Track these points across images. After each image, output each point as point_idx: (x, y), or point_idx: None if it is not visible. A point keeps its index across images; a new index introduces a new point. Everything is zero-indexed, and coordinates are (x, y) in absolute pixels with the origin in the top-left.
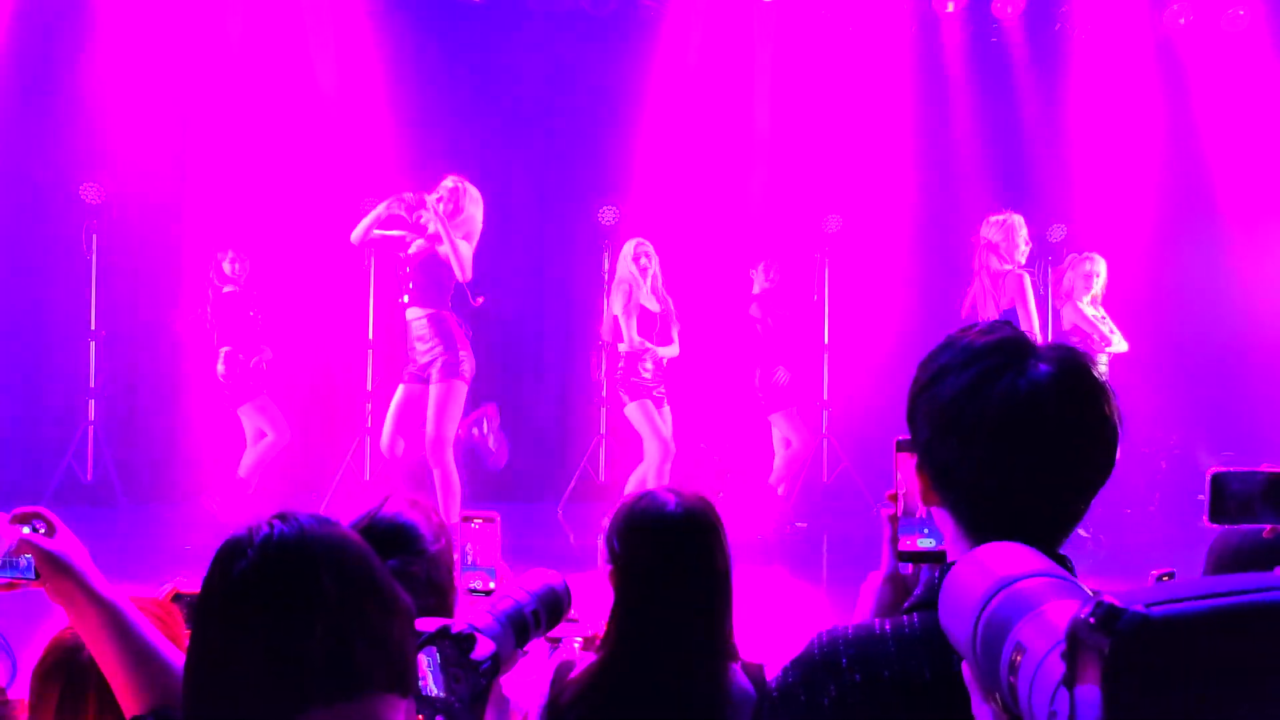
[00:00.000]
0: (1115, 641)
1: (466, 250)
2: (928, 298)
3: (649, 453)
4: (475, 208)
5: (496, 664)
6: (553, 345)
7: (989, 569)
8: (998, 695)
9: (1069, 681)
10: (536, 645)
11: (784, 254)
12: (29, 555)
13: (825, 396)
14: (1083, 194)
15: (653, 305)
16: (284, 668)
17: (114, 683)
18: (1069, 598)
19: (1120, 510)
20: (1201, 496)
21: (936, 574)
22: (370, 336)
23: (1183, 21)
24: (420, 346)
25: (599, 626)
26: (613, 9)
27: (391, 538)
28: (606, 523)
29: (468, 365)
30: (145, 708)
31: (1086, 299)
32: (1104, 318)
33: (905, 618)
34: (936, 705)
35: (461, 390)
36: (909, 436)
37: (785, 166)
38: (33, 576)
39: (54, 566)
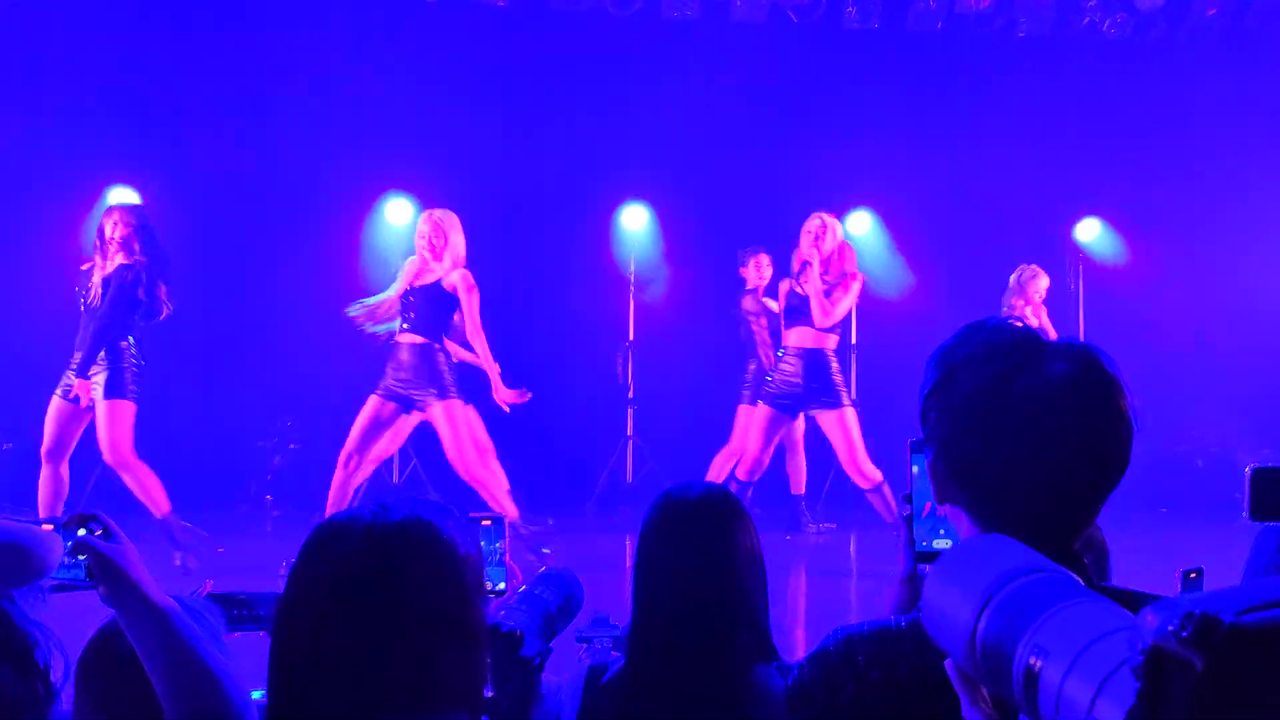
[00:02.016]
0: (1211, 654)
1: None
2: (955, 295)
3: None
4: (458, 235)
5: (543, 661)
6: (579, 347)
7: (983, 565)
8: (989, 697)
9: (1148, 698)
10: (567, 644)
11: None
12: (84, 557)
13: (853, 396)
14: (1113, 188)
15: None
16: (370, 669)
17: (159, 685)
18: (1082, 598)
19: (1157, 509)
20: (1239, 495)
21: None
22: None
23: (1212, 12)
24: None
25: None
26: (637, 9)
27: None
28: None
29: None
30: (187, 713)
31: (1028, 310)
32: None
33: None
34: (955, 701)
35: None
36: (923, 437)
37: (810, 162)
38: (87, 579)
39: (109, 570)
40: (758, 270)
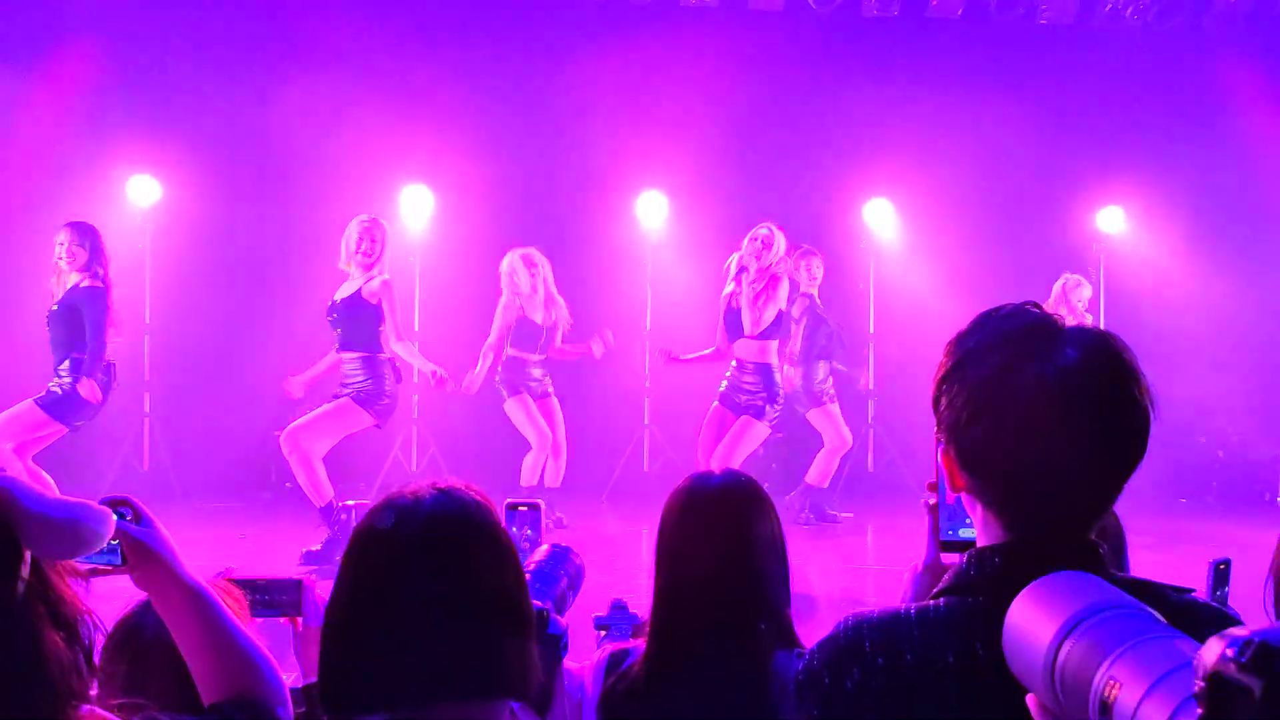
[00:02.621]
0: (1270, 681)
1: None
2: (974, 285)
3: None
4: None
5: (567, 640)
6: (594, 336)
7: (1064, 599)
8: None
9: None
10: (586, 631)
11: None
12: (117, 542)
13: (871, 386)
14: (1135, 176)
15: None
16: (433, 653)
17: (194, 668)
18: (1159, 632)
19: (1176, 499)
20: (1268, 494)
21: (964, 560)
22: (416, 327)
23: None
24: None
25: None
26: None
27: None
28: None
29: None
30: (224, 694)
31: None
32: None
33: (932, 602)
34: (959, 688)
35: (363, 416)
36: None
37: (828, 151)
38: (120, 562)
39: (142, 553)
40: (809, 272)
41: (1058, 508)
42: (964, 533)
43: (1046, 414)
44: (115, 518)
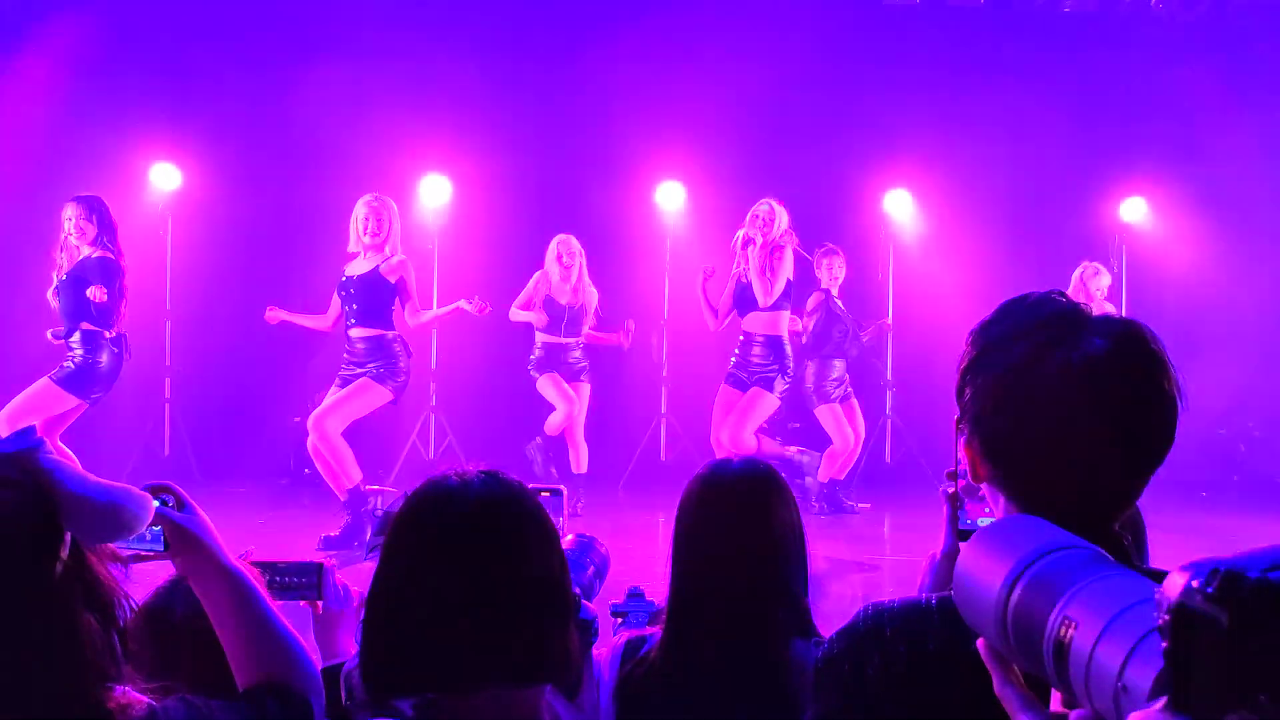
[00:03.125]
0: (1237, 610)
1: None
2: (996, 277)
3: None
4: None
5: (597, 626)
6: (613, 325)
7: (1012, 542)
8: (1019, 673)
9: (1176, 657)
10: (602, 617)
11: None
12: (158, 528)
13: (889, 377)
14: (1158, 167)
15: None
16: (480, 638)
17: (231, 653)
18: (1112, 571)
19: (1197, 493)
20: None
21: None
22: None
23: None
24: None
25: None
26: None
27: None
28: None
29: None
30: (259, 679)
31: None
32: None
33: (952, 591)
34: (983, 677)
35: (382, 392)
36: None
37: (848, 140)
38: (162, 548)
39: (184, 539)
40: (830, 271)
41: (1081, 499)
42: (982, 522)
43: (1072, 404)
44: (157, 504)
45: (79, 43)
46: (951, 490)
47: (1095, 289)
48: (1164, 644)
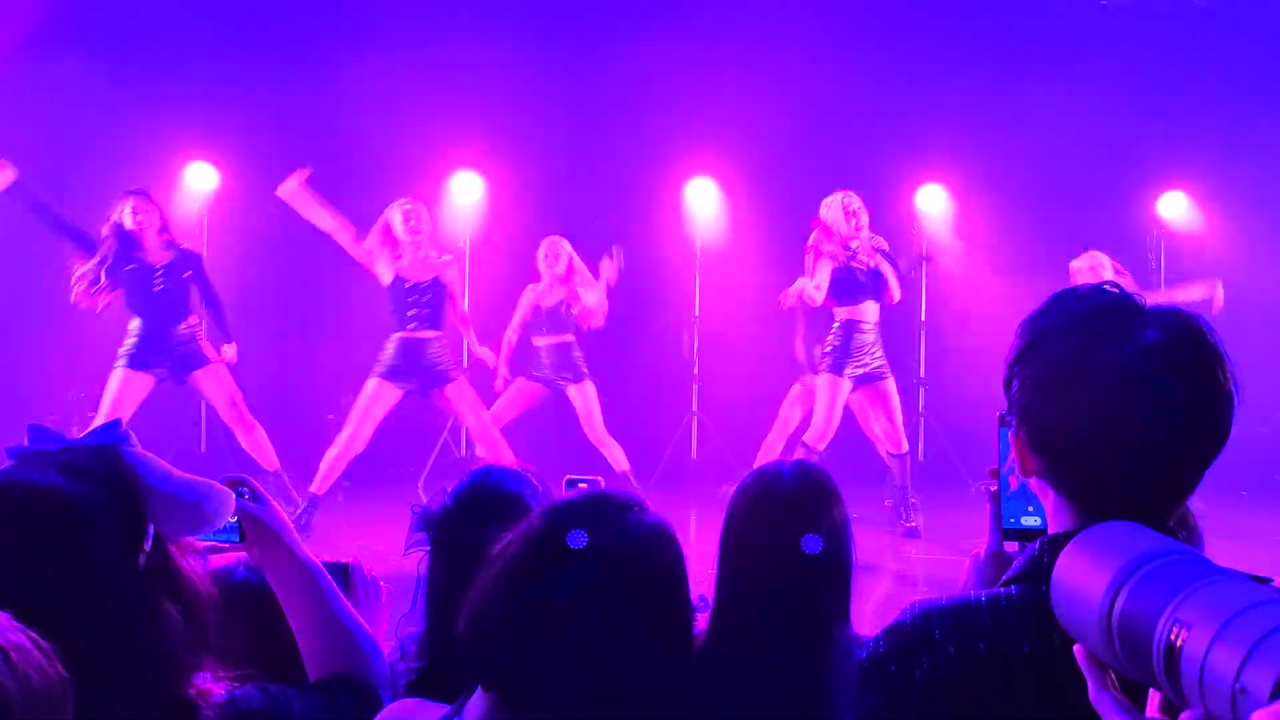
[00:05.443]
0: None
1: None
2: (1030, 272)
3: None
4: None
5: None
6: (645, 323)
7: (1117, 549)
8: (1116, 677)
9: None
10: None
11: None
12: (235, 520)
13: (922, 374)
14: (1196, 161)
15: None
16: (607, 672)
17: (303, 644)
18: (1222, 576)
19: (1237, 492)
20: None
21: (1036, 547)
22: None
23: None
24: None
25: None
26: None
27: (496, 506)
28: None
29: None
30: (330, 671)
31: None
32: None
33: (1003, 590)
34: (1035, 678)
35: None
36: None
37: (880, 135)
38: (238, 540)
39: (260, 531)
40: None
41: (1134, 494)
42: (1026, 520)
43: (1125, 396)
44: (235, 497)
45: (115, 43)
46: (994, 488)
47: (1097, 278)
48: None
